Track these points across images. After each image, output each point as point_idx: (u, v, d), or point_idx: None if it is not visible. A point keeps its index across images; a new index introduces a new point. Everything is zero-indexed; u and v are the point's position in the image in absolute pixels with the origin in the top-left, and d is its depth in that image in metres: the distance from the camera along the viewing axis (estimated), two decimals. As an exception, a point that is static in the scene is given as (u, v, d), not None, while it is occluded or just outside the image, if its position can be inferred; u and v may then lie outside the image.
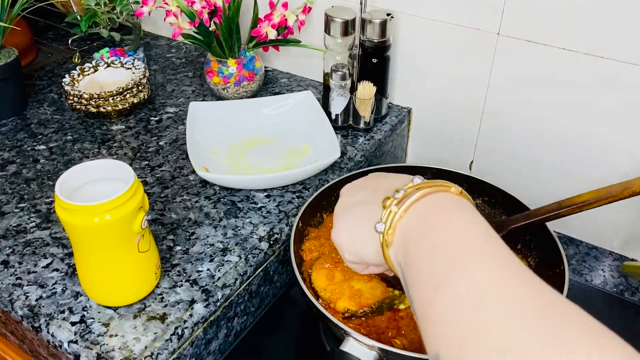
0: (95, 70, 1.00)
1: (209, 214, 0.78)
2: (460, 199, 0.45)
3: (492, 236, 0.41)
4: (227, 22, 0.94)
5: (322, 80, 1.00)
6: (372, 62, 0.91)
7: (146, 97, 0.98)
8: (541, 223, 0.66)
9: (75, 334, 0.62)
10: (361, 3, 0.91)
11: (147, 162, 0.88)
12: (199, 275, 0.69)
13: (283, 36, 0.98)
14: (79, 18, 1.04)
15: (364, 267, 0.56)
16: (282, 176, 0.80)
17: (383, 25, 0.87)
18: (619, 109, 0.79)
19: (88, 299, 0.65)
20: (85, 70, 1.00)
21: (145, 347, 0.60)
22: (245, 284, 0.71)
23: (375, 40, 0.88)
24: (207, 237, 0.74)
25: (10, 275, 0.68)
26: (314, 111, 0.92)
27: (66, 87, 0.95)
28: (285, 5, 0.95)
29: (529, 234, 0.76)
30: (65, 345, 0.61)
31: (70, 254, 0.71)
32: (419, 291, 0.40)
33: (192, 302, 0.65)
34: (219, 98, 1.03)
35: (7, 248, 0.72)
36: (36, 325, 0.64)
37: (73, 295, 0.66)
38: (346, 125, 0.96)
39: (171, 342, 0.62)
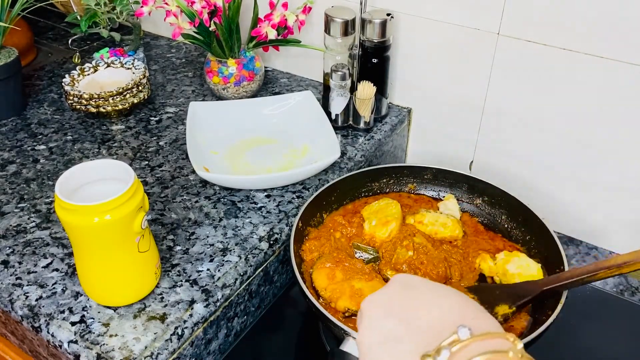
0: (95, 70, 1.00)
1: (209, 214, 0.78)
2: None
3: None
4: (227, 22, 0.94)
5: (322, 80, 1.00)
6: (372, 62, 0.91)
7: (146, 97, 0.98)
8: (575, 285, 0.62)
9: (75, 334, 0.62)
10: (361, 3, 0.91)
11: (147, 162, 0.88)
12: (199, 275, 0.69)
13: (283, 36, 0.98)
14: (79, 18, 1.04)
15: None
16: (282, 176, 0.80)
17: (383, 25, 0.87)
18: (620, 108, 0.79)
19: (88, 299, 0.65)
20: (85, 70, 1.00)
21: (145, 347, 0.60)
22: (245, 284, 0.71)
23: (375, 40, 0.88)
24: (207, 237, 0.74)
25: (10, 275, 0.68)
26: (314, 111, 0.92)
27: (66, 87, 0.95)
28: (285, 5, 0.95)
29: (529, 234, 0.76)
30: (65, 345, 0.61)
31: (70, 254, 0.71)
32: None
33: (192, 302, 0.65)
34: (219, 98, 1.03)
35: (7, 248, 0.72)
36: (36, 325, 0.64)
37: (73, 295, 0.66)
38: (346, 125, 0.96)
39: (171, 342, 0.62)
